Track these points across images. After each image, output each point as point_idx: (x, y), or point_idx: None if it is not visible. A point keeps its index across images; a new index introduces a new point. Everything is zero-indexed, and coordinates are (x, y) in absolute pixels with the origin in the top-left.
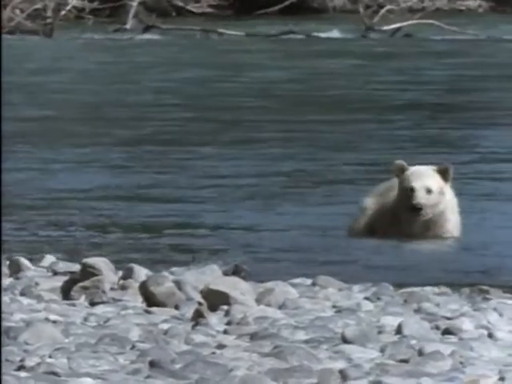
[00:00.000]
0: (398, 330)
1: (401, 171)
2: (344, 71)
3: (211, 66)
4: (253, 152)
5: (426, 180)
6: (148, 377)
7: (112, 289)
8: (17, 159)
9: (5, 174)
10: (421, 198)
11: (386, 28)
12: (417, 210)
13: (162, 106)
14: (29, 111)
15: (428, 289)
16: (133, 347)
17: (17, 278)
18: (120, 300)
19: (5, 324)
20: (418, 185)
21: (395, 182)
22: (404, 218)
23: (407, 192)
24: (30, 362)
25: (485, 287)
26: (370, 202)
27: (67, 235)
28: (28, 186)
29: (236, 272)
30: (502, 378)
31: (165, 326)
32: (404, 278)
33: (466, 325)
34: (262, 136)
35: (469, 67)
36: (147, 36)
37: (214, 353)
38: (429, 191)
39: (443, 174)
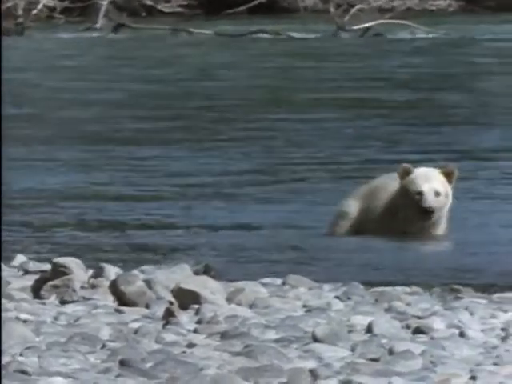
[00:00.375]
0: (369, 329)
1: (406, 174)
2: (303, 70)
3: (174, 65)
4: (212, 151)
5: (435, 183)
6: (118, 376)
7: (82, 288)
8: None
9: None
10: (431, 201)
11: (356, 27)
12: (428, 213)
13: (123, 105)
14: None
15: (399, 288)
16: (103, 346)
17: None
18: (90, 299)
19: None
20: (426, 188)
21: (378, 183)
22: (404, 219)
23: (415, 195)
24: None
25: (456, 286)
26: (353, 205)
27: (36, 235)
28: None
29: (206, 271)
30: (473, 377)
31: (135, 325)
32: (377, 277)
33: (437, 324)
34: (224, 135)
35: (430, 66)
36: (117, 35)
37: (184, 352)
38: (437, 194)
39: (448, 176)
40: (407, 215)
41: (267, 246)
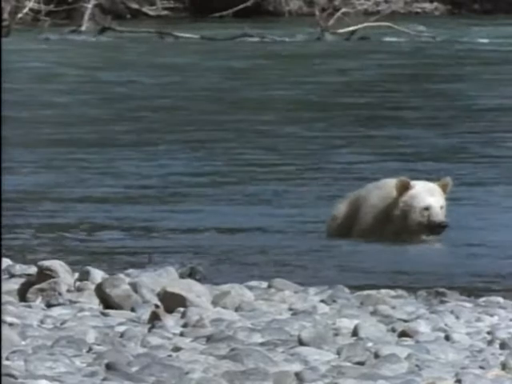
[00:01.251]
0: (354, 333)
1: (404, 188)
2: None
3: (145, 66)
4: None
5: (438, 197)
6: (104, 379)
7: (68, 291)
8: None
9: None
10: (440, 215)
11: (341, 31)
12: (441, 227)
13: (86, 106)
14: None
15: (384, 291)
16: (89, 350)
17: None
18: (76, 302)
19: None
20: (433, 202)
21: (366, 191)
22: (400, 232)
23: (421, 210)
24: None
25: (442, 290)
26: (342, 209)
27: (17, 237)
28: None
29: (192, 274)
30: (458, 381)
31: (121, 329)
32: (362, 280)
33: (423, 327)
34: (178, 137)
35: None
36: (102, 38)
37: (170, 355)
38: (441, 207)
39: (444, 188)
40: (409, 229)
41: (249, 249)
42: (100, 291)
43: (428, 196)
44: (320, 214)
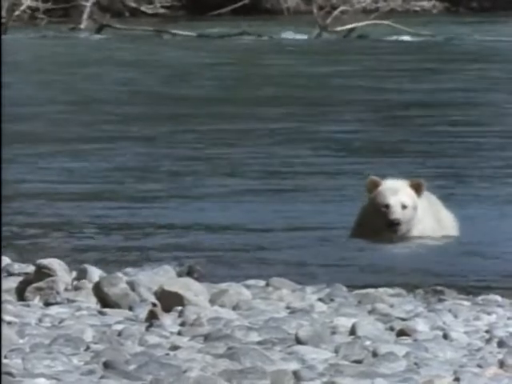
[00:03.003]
0: (352, 331)
1: (374, 186)
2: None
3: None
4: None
5: (402, 195)
6: (102, 377)
7: (66, 290)
8: None
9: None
10: (398, 213)
11: (339, 29)
12: (394, 225)
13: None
14: None
15: (382, 290)
16: (87, 348)
17: None
18: (74, 301)
19: None
20: (393, 200)
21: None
22: (373, 230)
23: (382, 208)
24: None
25: (440, 288)
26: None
27: (16, 236)
28: None
29: (190, 273)
30: (457, 379)
31: (119, 327)
32: (360, 279)
33: (421, 326)
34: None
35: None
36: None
37: (167, 354)
38: (404, 207)
39: (416, 188)
40: (376, 227)
41: (246, 248)
42: (98, 290)
43: (389, 194)
44: (319, 214)
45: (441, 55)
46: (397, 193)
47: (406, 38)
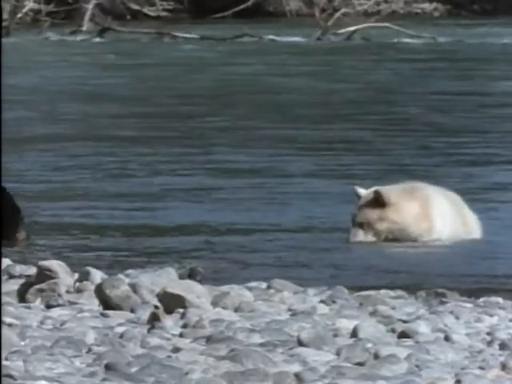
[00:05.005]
0: (354, 333)
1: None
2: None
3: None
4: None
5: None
6: (104, 380)
7: (68, 292)
8: None
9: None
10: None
11: (341, 31)
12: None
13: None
14: None
15: (383, 292)
16: (89, 350)
17: None
18: (76, 303)
19: None
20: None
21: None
22: None
23: None
24: None
25: (441, 290)
26: None
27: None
28: None
29: (192, 275)
30: (458, 382)
31: (121, 330)
32: (362, 281)
33: (423, 328)
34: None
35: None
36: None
37: (169, 356)
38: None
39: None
40: None
41: (248, 250)
42: (100, 292)
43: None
44: (319, 214)
45: (441, 57)
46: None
47: (407, 40)
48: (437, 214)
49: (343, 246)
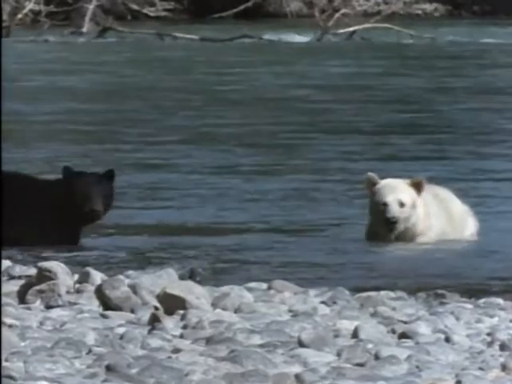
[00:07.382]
0: (355, 334)
1: (372, 184)
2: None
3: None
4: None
5: (399, 193)
6: (104, 381)
7: (68, 292)
8: None
9: None
10: (394, 211)
11: (341, 31)
12: (391, 223)
13: None
14: None
15: (384, 293)
16: (89, 351)
17: None
18: (76, 304)
19: None
20: (391, 198)
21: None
22: (373, 229)
23: (380, 206)
24: None
25: (441, 291)
26: None
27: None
28: None
29: (192, 276)
30: (458, 382)
31: (121, 331)
32: (363, 282)
33: (423, 329)
34: None
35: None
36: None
37: (170, 357)
38: (402, 204)
39: (416, 187)
40: (375, 225)
41: (249, 250)
42: (100, 293)
43: (387, 192)
44: (319, 214)
45: (441, 57)
46: (395, 191)
47: (407, 40)
48: (422, 214)
49: (344, 247)
